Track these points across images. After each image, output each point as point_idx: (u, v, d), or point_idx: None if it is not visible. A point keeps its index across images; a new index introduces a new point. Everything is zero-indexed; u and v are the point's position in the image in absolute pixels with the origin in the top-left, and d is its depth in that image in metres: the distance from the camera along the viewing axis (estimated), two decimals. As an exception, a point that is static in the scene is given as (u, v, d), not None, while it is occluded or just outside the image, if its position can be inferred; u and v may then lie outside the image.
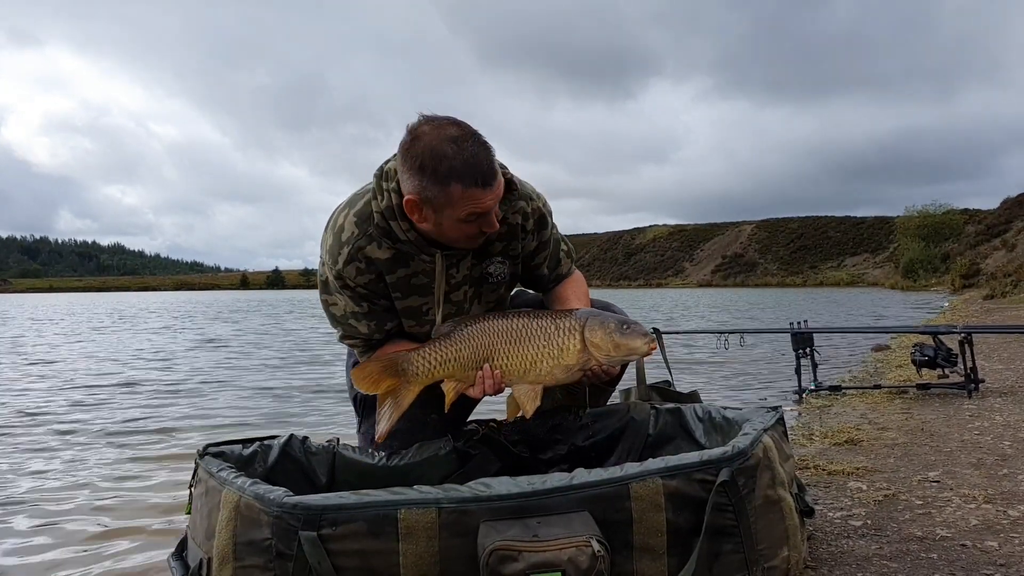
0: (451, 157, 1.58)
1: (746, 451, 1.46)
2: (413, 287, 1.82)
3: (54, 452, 3.51)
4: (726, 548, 1.40)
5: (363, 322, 1.86)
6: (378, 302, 1.84)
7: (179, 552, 1.62)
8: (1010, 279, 21.50)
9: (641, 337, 1.68)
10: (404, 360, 1.73)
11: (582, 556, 1.26)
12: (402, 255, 1.78)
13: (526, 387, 1.69)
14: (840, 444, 2.85)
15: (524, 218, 1.87)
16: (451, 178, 1.59)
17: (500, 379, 1.70)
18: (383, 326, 1.87)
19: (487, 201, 1.64)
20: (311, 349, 9.57)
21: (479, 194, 1.61)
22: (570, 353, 1.67)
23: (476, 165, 1.60)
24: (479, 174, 1.60)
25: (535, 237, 1.92)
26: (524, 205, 1.86)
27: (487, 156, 1.62)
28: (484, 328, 1.72)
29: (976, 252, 38.53)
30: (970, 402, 3.71)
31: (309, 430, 3.23)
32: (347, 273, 1.78)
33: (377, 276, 1.80)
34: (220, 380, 6.37)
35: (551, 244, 1.98)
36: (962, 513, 1.92)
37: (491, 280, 1.88)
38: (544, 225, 1.93)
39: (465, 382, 1.72)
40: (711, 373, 6.33)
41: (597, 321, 1.68)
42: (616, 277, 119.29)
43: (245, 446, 1.80)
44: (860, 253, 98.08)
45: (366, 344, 1.91)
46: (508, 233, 1.85)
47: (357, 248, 1.76)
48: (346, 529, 1.30)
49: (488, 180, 1.62)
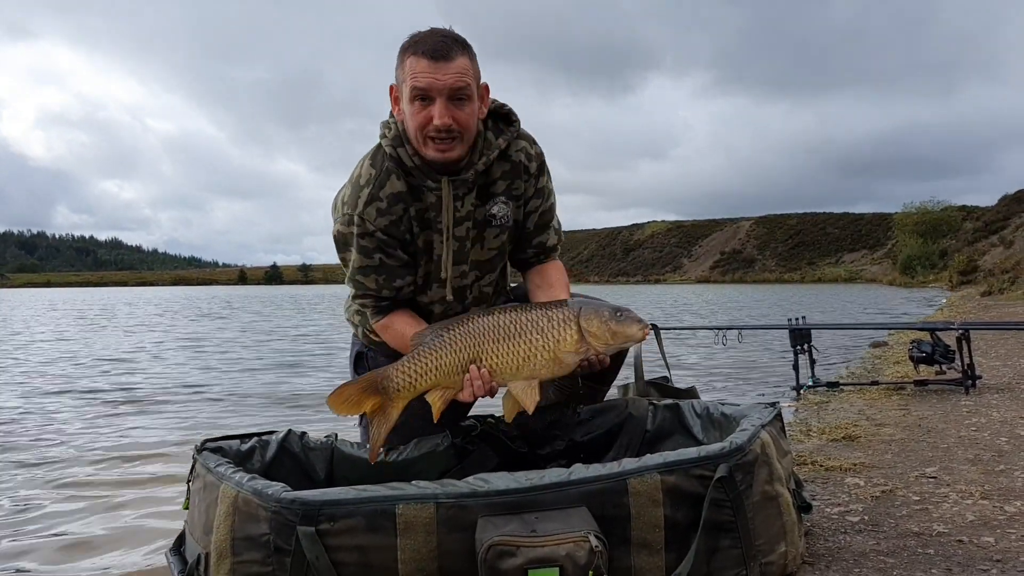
0: (417, 35, 1.72)
1: (744, 447, 1.46)
2: (425, 220, 1.84)
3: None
4: (724, 543, 1.40)
5: (371, 276, 1.85)
6: (392, 252, 1.83)
7: (177, 547, 1.62)
8: (1008, 276, 21.53)
9: (636, 323, 1.68)
10: (383, 377, 1.67)
11: (580, 551, 1.27)
12: (414, 188, 1.82)
13: (522, 383, 1.67)
14: (837, 440, 2.85)
15: (527, 158, 1.89)
16: (406, 50, 1.70)
17: (490, 380, 1.66)
18: (392, 282, 1.86)
19: (431, 76, 1.68)
20: (293, 351, 9.03)
21: (424, 64, 1.67)
22: (567, 344, 1.65)
23: (428, 40, 1.69)
24: (428, 47, 1.67)
25: (534, 182, 1.93)
26: (526, 145, 1.89)
27: (445, 40, 1.70)
28: (468, 329, 1.66)
29: (974, 249, 38.58)
30: (967, 398, 3.72)
31: (307, 426, 3.23)
32: (368, 215, 1.79)
33: (398, 217, 1.81)
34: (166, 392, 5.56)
35: (546, 197, 1.97)
36: (959, 509, 1.93)
37: (494, 223, 1.89)
38: (543, 172, 1.95)
39: (453, 388, 1.67)
40: (709, 369, 6.34)
41: (592, 310, 1.67)
42: (614, 273, 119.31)
43: (243, 441, 1.80)
44: (858, 250, 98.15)
45: (376, 304, 1.90)
46: (511, 171, 1.87)
47: (379, 186, 1.80)
48: (344, 524, 1.30)
49: (435, 54, 1.68)
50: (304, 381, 6.08)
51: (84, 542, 2.22)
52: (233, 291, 70.29)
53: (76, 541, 2.23)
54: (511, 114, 1.87)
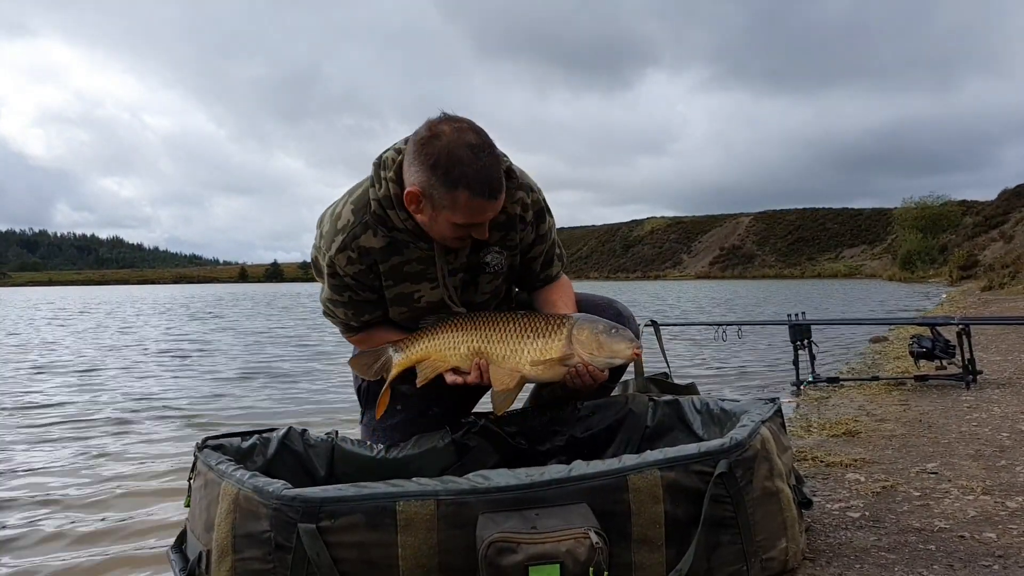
0: (465, 164, 1.61)
1: (744, 443, 1.46)
2: (405, 274, 1.84)
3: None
4: (724, 539, 1.40)
5: (340, 309, 1.92)
6: (361, 293, 1.87)
7: (178, 545, 1.62)
8: (1008, 270, 21.53)
9: (626, 341, 1.71)
10: (389, 343, 1.86)
11: (580, 548, 1.27)
12: (396, 243, 1.80)
13: (504, 370, 1.74)
14: (838, 436, 2.85)
15: (523, 209, 1.87)
16: (460, 184, 1.61)
17: (486, 368, 1.75)
18: (360, 316, 1.92)
19: (488, 213, 1.68)
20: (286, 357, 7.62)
21: (483, 205, 1.65)
22: (554, 347, 1.71)
23: (487, 178, 1.63)
24: (488, 187, 1.63)
25: (534, 229, 1.92)
26: (524, 196, 1.87)
27: (498, 170, 1.66)
28: (471, 318, 1.80)
29: (974, 243, 38.57)
30: (968, 394, 3.72)
31: (308, 423, 3.23)
32: (338, 261, 1.80)
33: (368, 267, 1.82)
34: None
35: (548, 239, 1.98)
36: (960, 504, 1.93)
37: (488, 270, 1.89)
38: (542, 219, 1.94)
39: (444, 362, 1.79)
40: (709, 365, 6.34)
41: (586, 321, 1.74)
42: (614, 269, 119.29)
43: (244, 439, 1.80)
44: (858, 245, 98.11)
45: (344, 326, 1.98)
46: (506, 223, 1.85)
47: (352, 237, 1.78)
48: (345, 521, 1.30)
49: (494, 194, 1.65)
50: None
51: (83, 537, 2.22)
52: (233, 289, 70.11)
53: (76, 536, 2.23)
54: (511, 170, 1.82)
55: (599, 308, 2.03)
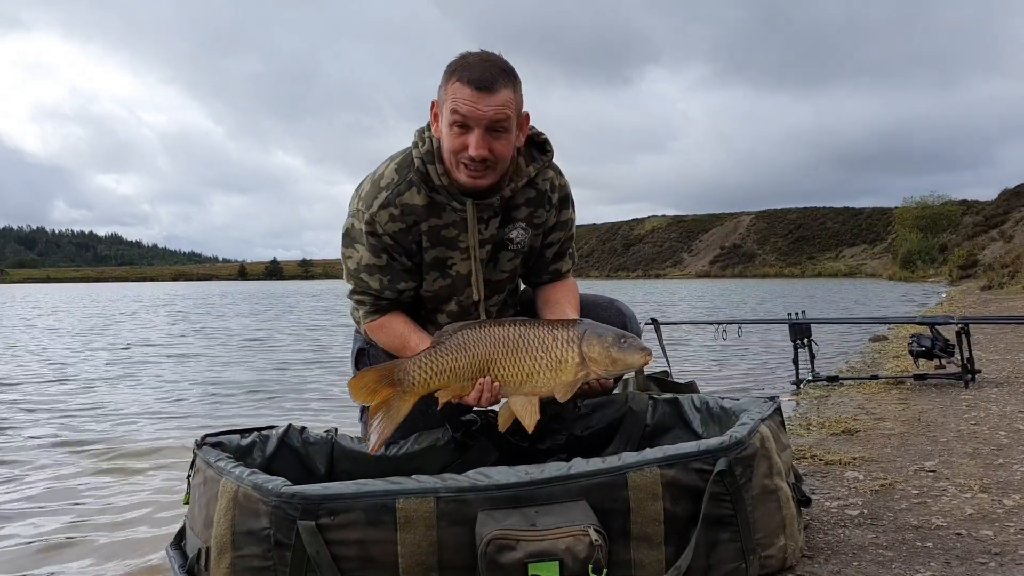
0: (467, 59, 1.72)
1: (743, 441, 1.46)
2: (442, 238, 1.86)
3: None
4: (723, 537, 1.41)
5: (376, 276, 1.86)
6: (398, 258, 1.85)
7: (177, 542, 1.63)
8: (1007, 270, 21.53)
9: (638, 352, 1.68)
10: (400, 370, 1.70)
11: (580, 545, 1.27)
12: (435, 204, 1.82)
13: (523, 399, 1.68)
14: (837, 434, 2.86)
15: (551, 188, 1.92)
16: (453, 72, 1.70)
17: (498, 391, 1.70)
18: (396, 284, 1.88)
19: (476, 105, 1.68)
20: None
21: (470, 95, 1.67)
22: (568, 368, 1.66)
23: (481, 69, 1.68)
24: (475, 76, 1.67)
25: (556, 213, 1.95)
26: (553, 176, 1.92)
27: (493, 70, 1.70)
28: (481, 336, 1.69)
29: (974, 243, 38.56)
30: (967, 392, 3.72)
31: (307, 421, 3.23)
32: (380, 218, 1.81)
33: (408, 227, 1.82)
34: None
35: (567, 229, 2.00)
36: (958, 502, 1.93)
37: (511, 246, 1.91)
38: (566, 205, 1.97)
39: (460, 391, 1.71)
40: (709, 363, 6.34)
41: (595, 335, 1.67)
42: (615, 268, 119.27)
43: (243, 436, 1.80)
44: (858, 244, 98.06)
45: (375, 303, 1.91)
46: (535, 199, 1.89)
47: (396, 194, 1.81)
48: (344, 519, 1.30)
49: (482, 85, 1.68)
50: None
51: (82, 537, 2.22)
52: (232, 287, 69.96)
53: (74, 537, 2.23)
54: (546, 144, 1.90)
55: (601, 308, 2.03)
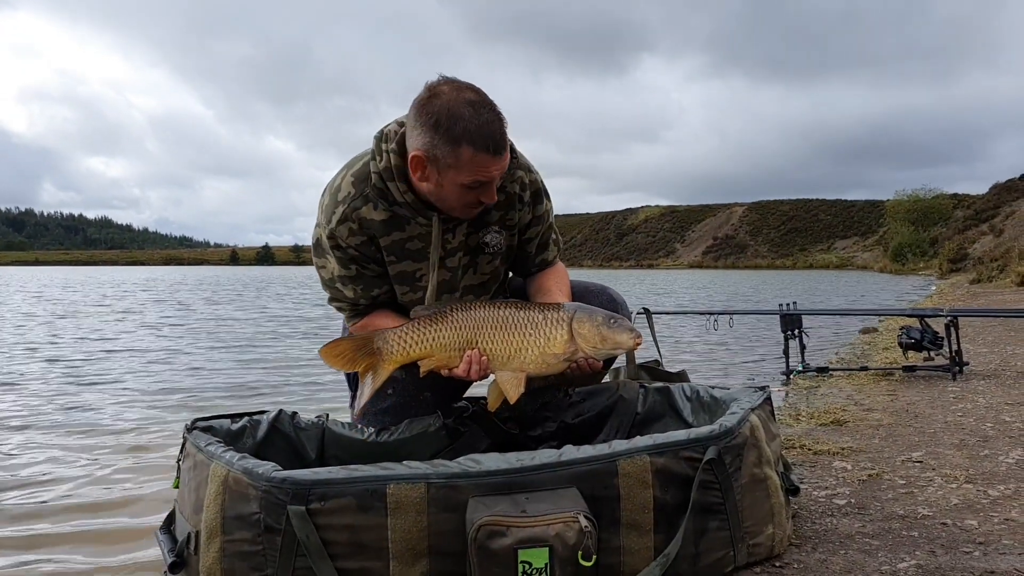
0: (467, 120, 1.59)
1: (733, 430, 1.47)
2: (407, 252, 1.82)
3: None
4: (712, 525, 1.42)
5: (349, 286, 1.86)
6: (367, 266, 1.84)
7: (167, 526, 1.62)
8: (996, 264, 21.67)
9: (627, 332, 1.69)
10: (379, 339, 1.69)
11: (570, 531, 1.27)
12: (397, 218, 1.78)
13: (509, 374, 1.70)
14: (826, 424, 2.88)
15: (522, 188, 1.88)
16: (463, 140, 1.59)
17: (487, 364, 1.70)
18: (369, 292, 1.87)
19: (493, 170, 1.65)
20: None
21: (487, 161, 1.62)
22: (557, 343, 1.68)
23: (490, 132, 1.61)
24: (491, 141, 1.61)
25: (530, 210, 1.92)
26: (522, 175, 1.87)
27: (500, 126, 1.64)
28: (470, 313, 1.70)
29: (964, 237, 38.78)
30: (954, 384, 3.76)
31: (298, 406, 3.22)
32: (339, 233, 1.78)
33: (368, 239, 1.80)
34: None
35: (544, 222, 1.98)
36: (943, 492, 1.95)
37: (487, 250, 1.88)
38: (539, 199, 1.94)
39: (445, 364, 1.70)
40: (700, 353, 6.37)
41: (585, 314, 1.70)
42: (607, 257, 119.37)
43: (234, 420, 1.80)
44: (850, 236, 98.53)
45: (353, 308, 1.91)
46: (506, 202, 1.85)
47: (352, 208, 1.76)
48: (335, 504, 1.30)
49: (498, 149, 1.63)
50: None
51: (70, 523, 2.21)
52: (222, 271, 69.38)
53: (61, 523, 2.22)
54: (513, 150, 1.83)
55: (592, 294, 2.03)
